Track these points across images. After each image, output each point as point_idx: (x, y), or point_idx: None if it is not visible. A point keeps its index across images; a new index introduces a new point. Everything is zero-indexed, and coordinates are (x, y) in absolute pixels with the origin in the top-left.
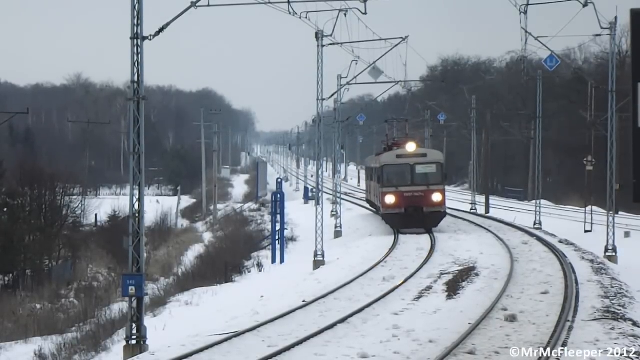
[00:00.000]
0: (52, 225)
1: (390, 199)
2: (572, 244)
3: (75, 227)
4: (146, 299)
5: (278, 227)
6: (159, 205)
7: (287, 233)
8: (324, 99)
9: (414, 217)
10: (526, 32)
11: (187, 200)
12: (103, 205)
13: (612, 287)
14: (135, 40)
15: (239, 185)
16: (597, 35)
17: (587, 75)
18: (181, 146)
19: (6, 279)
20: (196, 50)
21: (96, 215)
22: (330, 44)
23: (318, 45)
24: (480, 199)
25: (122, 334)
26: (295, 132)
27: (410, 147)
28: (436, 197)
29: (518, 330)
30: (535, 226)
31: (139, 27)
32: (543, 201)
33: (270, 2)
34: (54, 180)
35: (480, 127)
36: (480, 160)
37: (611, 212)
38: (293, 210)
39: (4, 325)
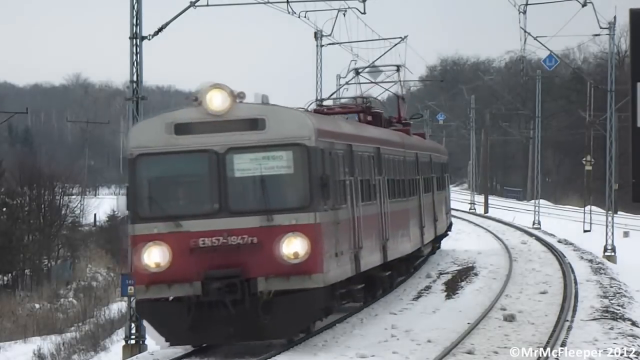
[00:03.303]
0: (51, 225)
1: (151, 257)
2: (571, 244)
3: (74, 227)
4: None
5: None
6: None
7: None
8: (323, 99)
9: (227, 309)
10: (525, 31)
11: None
12: (102, 205)
13: (611, 286)
14: (134, 40)
15: None
16: (596, 35)
17: (586, 75)
18: None
19: (5, 278)
20: (195, 50)
21: (95, 215)
22: (330, 44)
23: (317, 45)
24: (479, 198)
25: (121, 333)
26: None
27: (215, 100)
28: (295, 246)
29: (517, 330)
30: (534, 226)
31: (138, 27)
32: (542, 201)
33: (269, 2)
34: (53, 180)
35: (479, 127)
36: (479, 160)
37: (610, 212)
38: None
39: (3, 324)
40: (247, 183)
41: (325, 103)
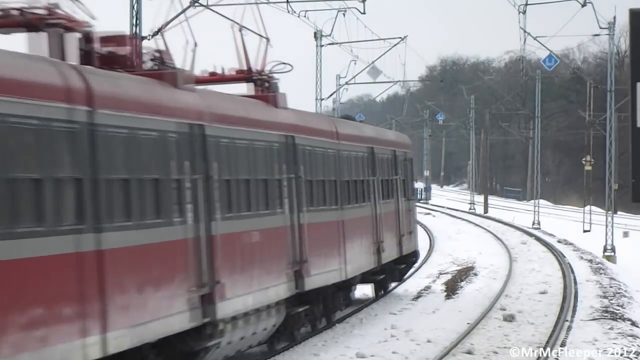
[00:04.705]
0: None
1: None
2: (570, 244)
3: None
4: None
5: None
6: None
7: None
8: (323, 99)
9: None
10: (525, 31)
11: None
12: None
13: (611, 287)
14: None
15: None
16: (596, 35)
17: (585, 75)
18: None
19: None
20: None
21: None
22: (329, 44)
23: (317, 45)
24: (479, 198)
25: None
26: None
27: None
28: None
29: (516, 330)
30: (534, 226)
31: (138, 27)
32: (542, 201)
33: (269, 2)
34: None
35: (479, 127)
36: (479, 160)
37: (610, 212)
38: None
39: None
40: None
41: None
